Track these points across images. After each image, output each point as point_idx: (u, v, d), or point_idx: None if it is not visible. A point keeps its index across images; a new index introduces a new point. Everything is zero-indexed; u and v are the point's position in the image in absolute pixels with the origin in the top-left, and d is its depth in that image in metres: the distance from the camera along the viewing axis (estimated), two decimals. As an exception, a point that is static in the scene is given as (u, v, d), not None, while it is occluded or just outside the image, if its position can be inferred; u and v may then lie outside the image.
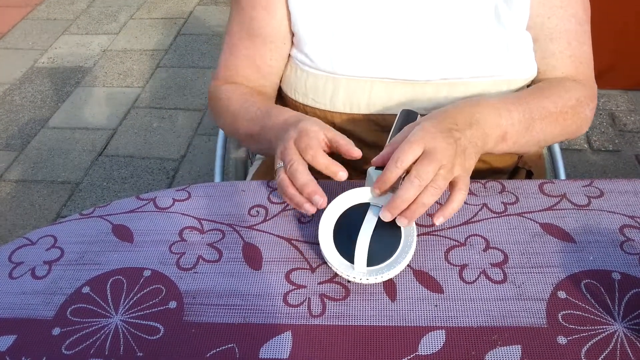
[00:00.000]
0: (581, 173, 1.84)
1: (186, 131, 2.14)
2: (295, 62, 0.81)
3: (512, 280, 0.58)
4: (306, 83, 0.80)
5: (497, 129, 0.67)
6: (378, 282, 0.58)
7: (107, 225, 0.68)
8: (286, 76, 0.84)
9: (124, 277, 0.61)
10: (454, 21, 0.75)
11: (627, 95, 2.14)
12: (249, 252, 0.63)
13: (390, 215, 0.58)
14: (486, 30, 0.75)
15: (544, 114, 0.72)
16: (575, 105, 0.75)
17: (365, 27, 0.76)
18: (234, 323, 0.56)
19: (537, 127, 0.71)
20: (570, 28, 0.76)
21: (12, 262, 0.64)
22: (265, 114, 0.75)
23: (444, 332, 0.54)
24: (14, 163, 2.03)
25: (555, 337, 0.53)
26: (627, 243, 0.62)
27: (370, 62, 0.76)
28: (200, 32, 2.77)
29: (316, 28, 0.77)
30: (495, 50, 0.75)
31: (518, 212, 0.66)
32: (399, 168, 0.58)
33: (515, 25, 0.75)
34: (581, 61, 0.78)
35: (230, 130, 0.84)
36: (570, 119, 0.75)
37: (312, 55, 0.77)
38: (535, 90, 0.75)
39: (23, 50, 2.70)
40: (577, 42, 0.77)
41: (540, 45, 0.77)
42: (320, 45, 0.77)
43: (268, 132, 0.73)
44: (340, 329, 0.55)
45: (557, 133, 0.75)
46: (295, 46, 0.80)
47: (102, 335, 0.55)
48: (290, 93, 0.83)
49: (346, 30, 0.76)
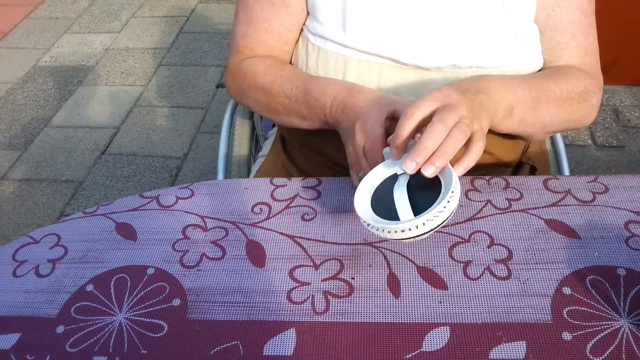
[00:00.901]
0: (585, 169, 1.83)
1: (189, 129, 2.14)
2: (307, 35, 0.80)
3: (517, 277, 0.58)
4: (317, 59, 0.79)
5: (505, 102, 0.67)
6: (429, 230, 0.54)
7: (111, 224, 0.68)
8: (297, 51, 0.83)
9: (128, 275, 0.61)
10: (463, 10, 0.75)
11: (631, 91, 2.14)
12: (253, 249, 0.63)
13: (414, 163, 0.55)
14: (494, 21, 0.75)
15: (550, 96, 0.72)
16: (582, 93, 0.75)
17: (377, 3, 0.76)
18: (238, 320, 0.56)
19: (542, 108, 0.71)
20: (575, 19, 0.76)
21: (16, 261, 0.64)
22: (305, 92, 0.74)
23: (448, 328, 0.54)
24: (17, 162, 2.03)
25: (560, 333, 0.53)
26: (632, 239, 0.62)
27: (380, 38, 0.76)
28: (202, 30, 2.77)
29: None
30: (503, 41, 0.75)
31: (522, 208, 0.66)
32: (412, 119, 0.57)
33: (522, 16, 0.75)
34: (587, 52, 0.78)
35: (263, 108, 0.81)
36: (576, 105, 0.75)
37: (325, 21, 0.77)
38: (542, 75, 0.75)
39: (25, 50, 2.70)
40: (583, 34, 0.77)
41: (545, 36, 0.77)
42: (334, 11, 0.76)
43: (319, 114, 0.73)
44: (344, 326, 0.55)
45: (563, 118, 0.75)
46: (310, 15, 0.79)
47: (106, 333, 0.56)
48: (302, 69, 0.82)
49: (360, 2, 0.76)
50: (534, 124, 0.73)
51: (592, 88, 0.77)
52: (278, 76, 0.78)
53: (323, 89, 0.73)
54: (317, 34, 0.78)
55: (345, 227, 0.65)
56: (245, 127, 1.07)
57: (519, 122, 0.71)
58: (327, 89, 0.73)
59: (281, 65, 0.81)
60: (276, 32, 0.81)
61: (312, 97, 0.74)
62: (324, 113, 0.73)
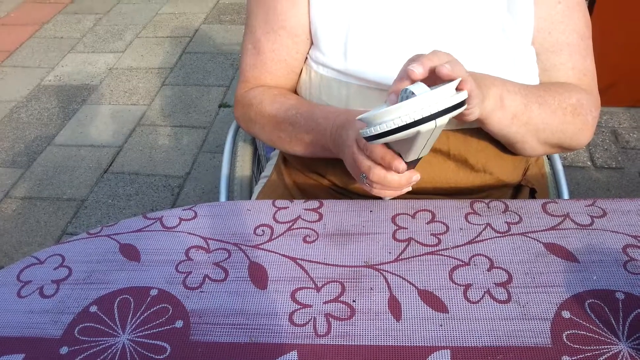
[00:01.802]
0: (584, 190, 1.84)
1: (191, 148, 2.15)
2: (310, 63, 0.82)
3: (517, 300, 0.59)
4: (320, 86, 0.81)
5: (494, 87, 0.69)
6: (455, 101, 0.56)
7: (115, 245, 0.69)
8: (301, 78, 0.85)
9: (131, 296, 0.62)
10: (465, 35, 0.76)
11: (629, 113, 2.15)
12: (255, 271, 0.64)
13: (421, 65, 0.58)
14: (494, 45, 0.76)
15: (541, 101, 0.73)
16: (575, 105, 0.76)
17: (376, 33, 0.77)
18: (240, 342, 0.56)
19: (534, 109, 0.72)
20: (571, 42, 0.78)
21: (21, 281, 0.65)
22: (308, 119, 0.76)
23: (449, 352, 0.54)
24: (20, 180, 2.04)
25: (560, 357, 0.53)
26: (630, 263, 0.62)
27: (381, 68, 0.77)
28: (205, 50, 2.80)
29: (332, 24, 0.78)
30: (503, 64, 0.76)
31: (522, 232, 0.67)
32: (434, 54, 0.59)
33: (520, 38, 0.76)
34: (584, 73, 0.79)
35: (269, 136, 0.84)
36: (569, 116, 0.75)
37: (327, 51, 0.78)
38: (534, 85, 0.76)
39: (30, 69, 2.73)
40: (579, 56, 0.79)
41: (541, 58, 0.78)
42: (336, 42, 0.78)
43: (321, 140, 0.75)
44: (346, 349, 0.55)
45: (555, 126, 0.75)
46: (313, 44, 0.81)
47: (109, 354, 0.56)
48: (305, 96, 0.84)
49: (359, 32, 0.77)
50: (527, 124, 0.73)
51: (588, 104, 0.77)
52: (283, 104, 0.80)
53: (326, 115, 0.75)
54: (319, 62, 0.80)
55: (347, 250, 0.66)
56: (247, 148, 1.08)
57: (512, 118, 0.71)
58: (330, 115, 0.74)
59: (287, 94, 0.83)
60: (283, 61, 0.83)
61: (315, 123, 0.75)
62: (324, 139, 0.74)
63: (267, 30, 0.82)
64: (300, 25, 0.80)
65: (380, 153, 0.63)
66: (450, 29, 0.77)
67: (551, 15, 0.76)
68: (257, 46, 0.84)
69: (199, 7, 3.22)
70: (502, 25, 0.76)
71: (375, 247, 0.66)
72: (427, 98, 0.55)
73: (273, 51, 0.83)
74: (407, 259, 0.64)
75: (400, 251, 0.65)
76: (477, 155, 0.79)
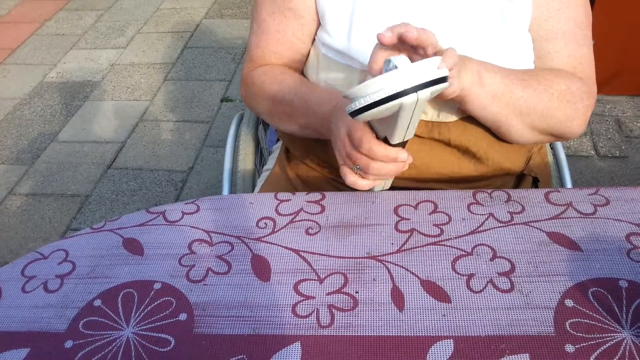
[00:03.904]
0: (588, 179, 1.83)
1: (194, 143, 2.16)
2: (318, 46, 0.82)
3: (520, 289, 0.59)
4: (327, 70, 0.81)
5: (470, 62, 0.68)
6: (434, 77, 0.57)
7: (118, 239, 0.69)
8: (310, 62, 0.85)
9: (135, 290, 0.62)
10: (464, 20, 0.76)
11: (633, 101, 2.14)
12: (258, 263, 0.64)
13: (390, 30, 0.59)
14: (493, 29, 0.76)
15: (525, 84, 0.73)
16: (563, 91, 0.75)
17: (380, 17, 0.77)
18: (244, 334, 0.57)
19: (516, 91, 0.72)
20: (568, 30, 0.77)
21: (25, 276, 0.65)
22: (305, 101, 0.77)
23: (452, 341, 0.54)
24: (24, 177, 2.05)
25: (563, 345, 0.53)
26: (633, 251, 0.62)
27: None
28: (207, 45, 2.80)
29: (338, 3, 0.78)
30: (500, 49, 0.76)
31: (524, 221, 0.67)
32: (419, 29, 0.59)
33: (519, 24, 0.76)
34: (580, 62, 0.79)
35: (269, 115, 0.85)
36: (556, 101, 0.75)
37: (333, 32, 0.78)
38: (520, 69, 0.75)
39: (32, 66, 2.73)
40: (576, 44, 0.78)
41: (537, 45, 0.78)
42: (342, 23, 0.78)
43: (314, 124, 0.75)
44: (349, 339, 0.55)
45: (541, 111, 0.75)
46: (320, 26, 0.81)
47: (114, 347, 0.56)
48: (311, 77, 0.84)
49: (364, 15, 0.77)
50: (508, 104, 0.72)
51: (579, 92, 0.76)
52: (283, 84, 0.81)
53: (319, 101, 0.76)
54: (326, 44, 0.80)
55: (349, 241, 0.66)
56: (249, 142, 1.08)
57: (492, 97, 0.71)
58: (323, 101, 0.75)
59: (289, 73, 0.83)
60: (288, 42, 0.83)
61: (310, 109, 0.76)
62: (317, 124, 0.75)
63: (272, 10, 0.83)
64: (306, 6, 0.80)
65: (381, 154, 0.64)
66: (450, 13, 0.76)
67: (548, 2, 0.76)
68: (261, 26, 0.85)
69: (200, 2, 3.22)
70: (501, 10, 0.76)
71: (378, 238, 0.66)
72: (409, 70, 0.56)
73: (278, 32, 0.83)
74: (409, 250, 0.64)
75: (403, 242, 0.65)
76: (479, 144, 0.79)
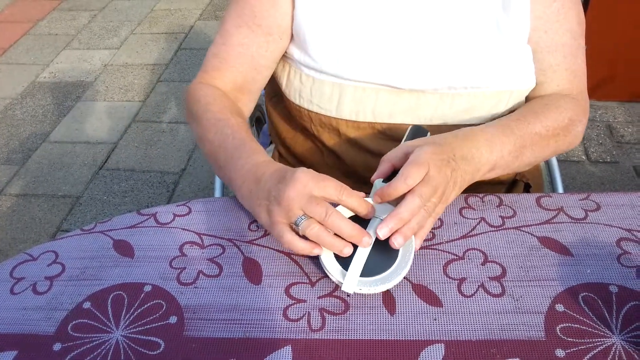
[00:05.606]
0: (579, 184, 1.84)
1: (186, 145, 2.15)
2: (299, 67, 0.80)
3: (511, 294, 0.59)
4: (312, 89, 0.80)
5: (488, 164, 0.69)
6: (371, 293, 0.59)
7: (108, 241, 0.68)
8: (290, 81, 0.83)
9: (125, 293, 0.62)
10: (459, 32, 0.76)
11: (624, 107, 2.16)
12: (249, 266, 0.64)
13: (388, 230, 0.58)
14: (489, 41, 0.76)
15: (535, 140, 0.73)
16: (567, 125, 0.76)
17: (370, 32, 0.76)
18: (234, 338, 0.56)
19: (527, 153, 0.73)
20: (566, 42, 0.78)
21: (14, 278, 0.65)
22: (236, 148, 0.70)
23: (443, 345, 0.54)
24: (15, 177, 2.04)
25: (553, 350, 0.53)
26: (624, 256, 0.62)
27: (375, 67, 0.76)
28: (200, 46, 2.79)
29: (322, 29, 0.76)
30: (498, 61, 0.76)
31: (516, 226, 0.67)
32: (407, 185, 0.59)
33: (516, 35, 0.76)
34: (576, 74, 0.80)
35: (197, 139, 0.79)
36: (562, 139, 0.76)
37: (317, 57, 0.77)
38: (529, 115, 0.75)
39: (25, 65, 2.72)
40: (572, 56, 0.79)
41: (537, 57, 0.78)
42: (326, 46, 0.76)
43: (234, 170, 0.69)
44: (340, 343, 0.55)
45: (548, 154, 0.77)
46: (299, 48, 0.79)
47: (103, 350, 0.56)
48: (295, 99, 0.83)
49: (352, 33, 0.76)
50: (518, 167, 0.75)
51: (577, 117, 0.78)
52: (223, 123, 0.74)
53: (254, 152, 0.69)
54: (310, 67, 0.79)
55: (341, 245, 0.66)
56: (242, 144, 1.07)
57: (502, 171, 0.72)
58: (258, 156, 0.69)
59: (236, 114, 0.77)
60: (249, 56, 0.80)
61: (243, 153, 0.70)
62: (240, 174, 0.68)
63: (238, 24, 0.80)
64: (278, 26, 0.78)
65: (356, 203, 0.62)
66: (443, 26, 0.76)
67: (546, 14, 0.76)
68: (224, 36, 0.81)
69: (195, 4, 3.22)
70: (497, 22, 0.76)
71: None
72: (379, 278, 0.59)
73: (241, 45, 0.80)
74: (401, 254, 0.64)
75: (395, 246, 0.65)
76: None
